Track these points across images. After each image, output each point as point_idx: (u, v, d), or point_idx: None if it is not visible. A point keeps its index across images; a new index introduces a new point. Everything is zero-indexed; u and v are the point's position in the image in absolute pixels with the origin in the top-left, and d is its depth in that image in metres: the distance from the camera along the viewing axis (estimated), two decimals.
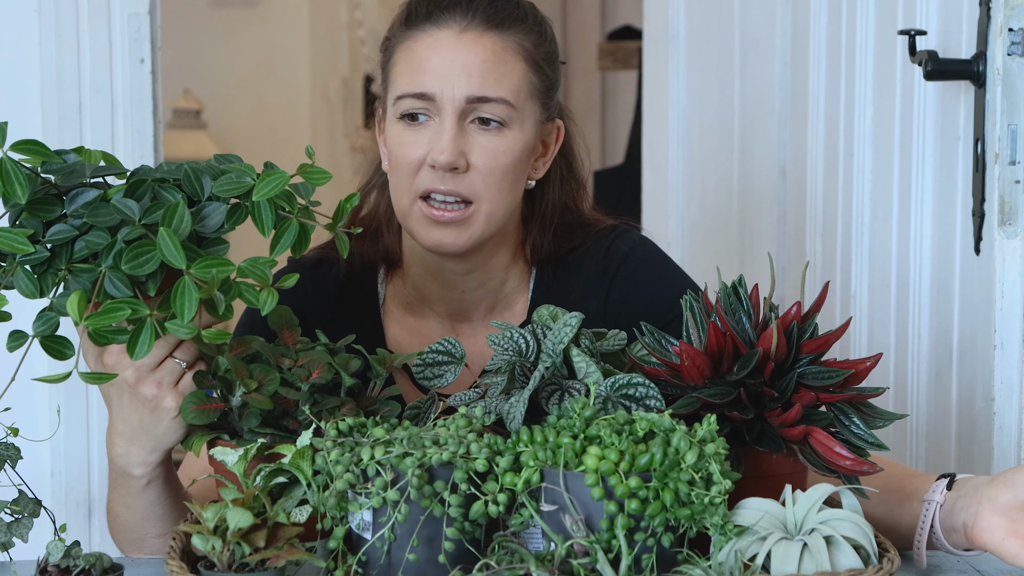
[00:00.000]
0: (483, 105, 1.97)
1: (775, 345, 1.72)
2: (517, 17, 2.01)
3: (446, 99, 1.96)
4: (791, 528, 1.62)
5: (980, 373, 2.28)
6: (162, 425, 1.78)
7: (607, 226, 2.14)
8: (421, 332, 2.11)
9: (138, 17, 2.80)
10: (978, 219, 2.26)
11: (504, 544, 1.62)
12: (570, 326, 1.77)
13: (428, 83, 1.96)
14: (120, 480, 1.86)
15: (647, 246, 2.13)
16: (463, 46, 1.97)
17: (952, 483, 1.77)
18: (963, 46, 2.31)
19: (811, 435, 1.70)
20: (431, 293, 2.10)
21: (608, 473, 1.57)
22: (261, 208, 1.68)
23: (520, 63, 1.99)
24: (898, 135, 2.55)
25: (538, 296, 2.10)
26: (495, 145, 1.98)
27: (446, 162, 1.95)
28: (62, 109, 2.78)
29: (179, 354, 1.77)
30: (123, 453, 1.83)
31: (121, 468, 1.84)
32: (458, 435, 1.64)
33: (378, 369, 1.84)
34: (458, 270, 2.06)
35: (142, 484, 1.85)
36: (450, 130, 1.96)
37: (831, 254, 2.85)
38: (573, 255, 2.11)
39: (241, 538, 1.58)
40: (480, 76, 1.96)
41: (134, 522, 1.89)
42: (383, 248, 2.12)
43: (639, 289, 2.08)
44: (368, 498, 1.61)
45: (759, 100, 3.22)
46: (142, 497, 1.86)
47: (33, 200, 1.68)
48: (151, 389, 1.76)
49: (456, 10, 1.99)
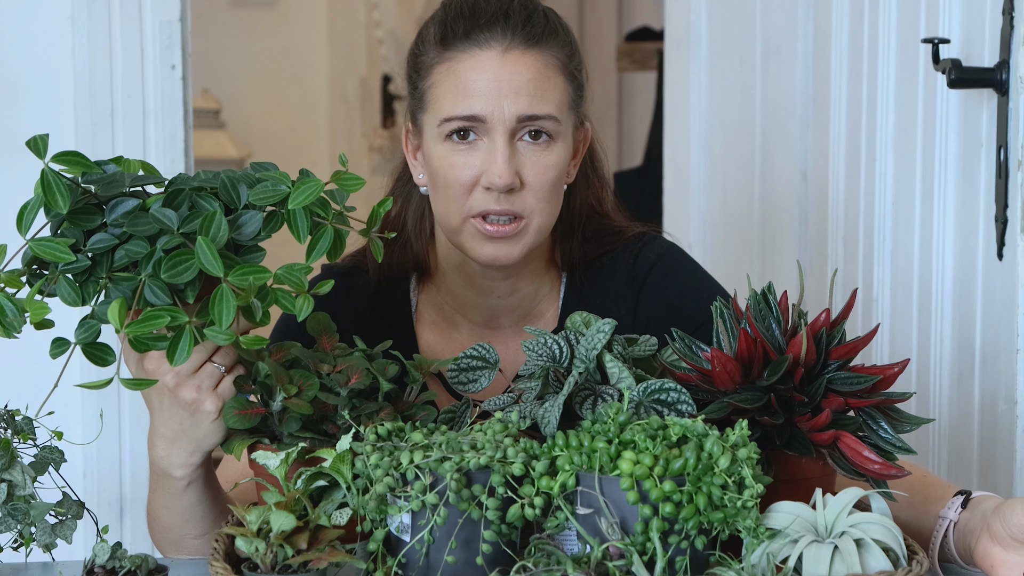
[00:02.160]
0: (532, 123, 1.99)
1: (805, 351, 1.75)
2: (551, 31, 2.03)
3: (496, 120, 1.98)
4: (822, 531, 1.65)
5: (1003, 377, 2.31)
6: (202, 428, 1.82)
7: (636, 233, 2.17)
8: (453, 339, 2.14)
9: (169, 24, 2.84)
10: (1001, 225, 2.29)
11: (541, 546, 1.65)
12: (603, 332, 1.80)
13: (477, 105, 1.98)
14: (161, 482, 1.90)
15: (675, 252, 2.16)
16: (509, 66, 1.99)
17: (967, 501, 1.81)
18: (986, 54, 2.34)
19: (840, 439, 1.73)
20: (466, 300, 2.13)
21: (643, 477, 1.61)
22: (297, 216, 1.71)
23: (560, 77, 2.02)
24: (920, 141, 2.58)
25: (568, 303, 2.13)
26: (545, 160, 2.00)
27: (504, 185, 1.97)
28: (95, 115, 2.82)
29: (218, 359, 1.80)
30: (164, 455, 1.86)
31: (162, 470, 1.88)
32: (495, 439, 1.68)
33: (415, 374, 1.88)
34: (495, 276, 2.09)
35: (183, 485, 1.88)
36: (504, 152, 1.98)
37: (853, 258, 2.88)
38: (602, 262, 2.14)
39: (284, 540, 1.62)
40: (528, 95, 1.98)
41: (174, 523, 1.92)
42: (413, 257, 2.14)
43: (667, 295, 2.11)
44: (407, 501, 1.64)
45: (781, 105, 3.25)
46: (182, 498, 1.90)
47: (74, 210, 1.72)
48: (191, 393, 1.80)
49: (495, 28, 2.00)
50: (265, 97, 6.51)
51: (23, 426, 1.81)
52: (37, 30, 2.83)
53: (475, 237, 2.01)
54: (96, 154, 2.81)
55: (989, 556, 1.74)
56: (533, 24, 2.02)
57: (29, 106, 2.84)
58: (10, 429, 1.81)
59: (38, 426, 1.83)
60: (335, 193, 1.77)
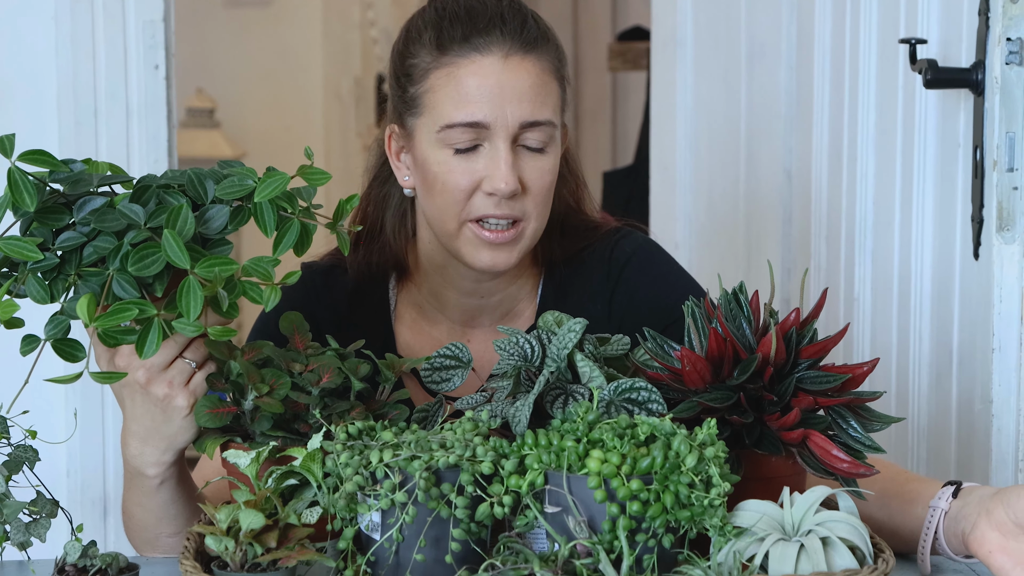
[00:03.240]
0: (532, 129, 2.00)
1: (774, 350, 1.76)
2: (543, 36, 2.04)
3: (499, 126, 1.98)
4: (788, 529, 1.66)
5: (979, 376, 2.32)
6: (174, 424, 1.83)
7: (611, 228, 2.18)
8: (432, 336, 2.15)
9: (152, 24, 2.85)
10: (977, 225, 2.30)
11: (509, 545, 1.66)
12: (574, 332, 1.81)
13: (480, 112, 1.98)
14: (135, 480, 1.91)
15: (651, 247, 2.16)
16: (510, 72, 1.99)
17: (958, 491, 1.81)
18: (963, 55, 2.35)
19: (809, 438, 1.74)
20: (447, 300, 2.14)
21: (610, 476, 1.62)
22: (263, 209, 1.72)
23: (554, 83, 2.03)
24: (900, 141, 2.59)
25: (546, 300, 2.14)
26: (543, 165, 2.01)
27: (509, 192, 1.98)
28: (78, 115, 2.83)
29: (188, 354, 1.81)
30: (137, 454, 1.87)
31: (135, 468, 1.89)
32: (464, 438, 1.69)
33: (387, 374, 1.88)
34: (481, 279, 2.10)
35: (156, 484, 1.89)
36: (507, 158, 1.98)
37: (835, 257, 2.90)
38: (580, 258, 2.15)
39: (253, 539, 1.63)
40: (530, 101, 1.99)
41: (149, 521, 1.93)
42: (392, 257, 2.15)
43: (643, 290, 2.11)
44: (377, 500, 1.65)
45: (765, 105, 3.26)
46: (156, 497, 1.90)
47: (42, 209, 1.73)
48: (162, 388, 1.80)
49: (493, 34, 2.00)
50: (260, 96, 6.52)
51: None
52: (21, 30, 2.84)
53: (472, 243, 2.02)
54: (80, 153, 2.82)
55: (987, 542, 1.74)
56: (527, 29, 2.02)
57: (12, 105, 2.86)
58: None
59: (12, 425, 1.84)
60: (304, 190, 1.78)
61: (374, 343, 1.98)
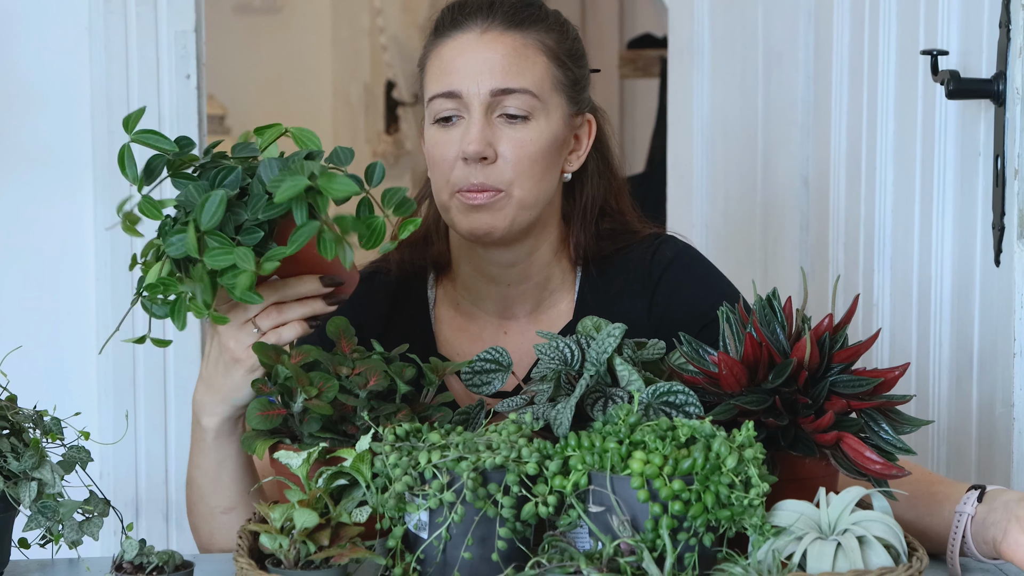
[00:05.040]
0: (507, 97, 2.09)
1: (808, 355, 1.81)
2: (537, 17, 2.14)
3: (472, 95, 2.08)
4: (825, 528, 1.71)
5: (1000, 380, 2.36)
6: (231, 379, 1.92)
7: (652, 232, 2.25)
8: (471, 331, 2.20)
9: (184, 34, 2.90)
10: (998, 232, 2.34)
11: (554, 543, 1.71)
12: (614, 336, 1.86)
13: (455, 82, 2.09)
14: (195, 436, 2.00)
15: (691, 252, 2.23)
16: (485, 44, 2.10)
17: (983, 495, 1.87)
18: (983, 65, 2.40)
19: (843, 440, 1.79)
20: (480, 291, 2.20)
21: (653, 476, 1.67)
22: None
23: (541, 57, 2.12)
24: (919, 150, 2.64)
25: (584, 296, 2.20)
26: (521, 135, 2.09)
27: (475, 152, 2.06)
28: (111, 123, 2.88)
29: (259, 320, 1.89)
30: (200, 399, 1.96)
31: (196, 417, 1.98)
32: (509, 440, 1.74)
33: (431, 377, 1.93)
34: (502, 262, 2.16)
35: (211, 437, 1.97)
36: (478, 123, 2.08)
37: (853, 264, 2.94)
38: (618, 257, 2.21)
39: (306, 537, 1.68)
40: (502, 70, 2.09)
41: (206, 487, 2.01)
42: (433, 254, 2.23)
43: (682, 292, 2.17)
44: (425, 499, 1.70)
45: (782, 112, 3.31)
46: (211, 454, 1.98)
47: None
48: (230, 342, 1.90)
49: (478, 15, 2.12)
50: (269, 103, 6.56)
51: (51, 426, 1.87)
52: (55, 40, 2.89)
53: (460, 210, 2.10)
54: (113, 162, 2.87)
55: (1021, 547, 1.80)
56: (517, 10, 2.13)
57: (47, 115, 2.90)
58: (39, 429, 1.87)
59: (65, 426, 1.89)
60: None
61: (415, 341, 2.05)
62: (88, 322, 2.95)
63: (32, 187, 2.93)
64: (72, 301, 2.95)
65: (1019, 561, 1.80)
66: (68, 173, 2.92)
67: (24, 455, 1.82)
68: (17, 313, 2.94)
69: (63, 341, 2.95)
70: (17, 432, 1.85)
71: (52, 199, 2.93)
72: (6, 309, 2.94)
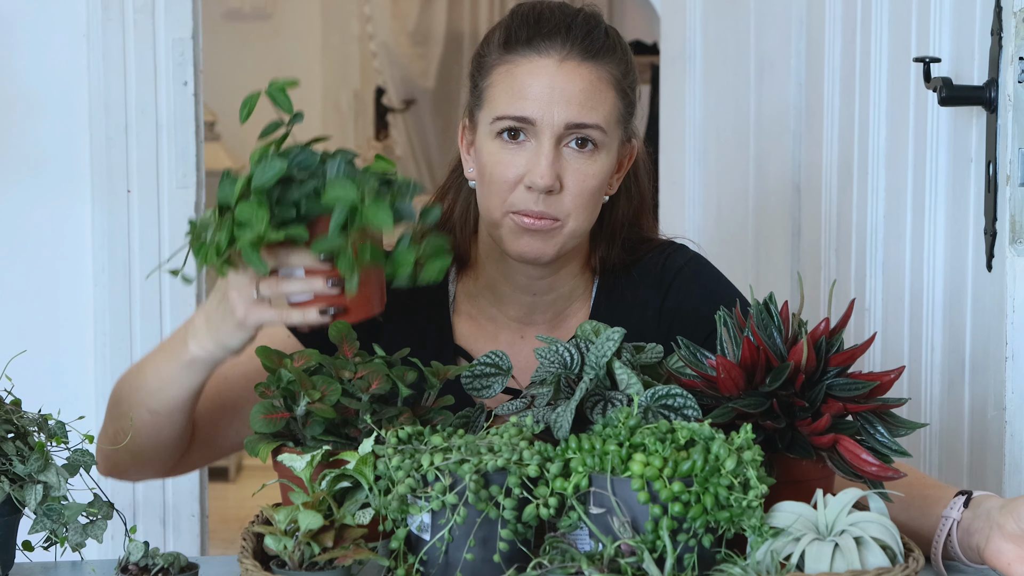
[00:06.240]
0: (579, 131, 2.09)
1: (805, 358, 1.83)
2: (609, 48, 2.12)
3: (546, 124, 2.08)
4: (823, 529, 1.73)
5: (992, 384, 2.39)
6: (226, 324, 1.94)
7: (664, 241, 2.28)
8: (488, 331, 2.23)
9: (182, 42, 2.92)
10: (990, 237, 2.37)
11: (555, 545, 1.73)
12: (613, 340, 1.88)
13: (529, 108, 2.08)
14: (171, 346, 2.02)
15: (700, 260, 2.27)
16: (563, 74, 2.08)
17: (969, 500, 1.90)
18: (975, 73, 2.43)
19: (839, 443, 1.81)
20: (503, 295, 2.22)
21: (653, 478, 1.69)
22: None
23: (611, 91, 2.11)
24: (911, 156, 2.66)
25: (599, 305, 2.22)
26: (587, 168, 2.10)
27: (545, 186, 2.07)
28: (109, 130, 2.90)
29: (261, 286, 1.91)
30: (196, 325, 1.99)
31: (184, 334, 2.00)
32: (511, 443, 1.76)
33: (432, 380, 1.95)
34: (533, 275, 2.19)
35: (186, 359, 2.00)
36: (548, 155, 2.08)
37: (845, 269, 2.97)
38: (632, 266, 2.24)
39: (311, 539, 1.70)
40: (579, 104, 2.08)
41: (147, 385, 2.04)
42: (455, 247, 2.22)
43: (692, 299, 2.21)
44: (428, 501, 1.72)
45: (774, 119, 3.33)
46: (176, 369, 2.01)
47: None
48: (232, 293, 1.92)
49: (556, 38, 2.09)
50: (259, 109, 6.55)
51: (56, 430, 1.88)
52: (53, 47, 2.91)
53: (512, 231, 2.11)
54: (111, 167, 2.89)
55: (1004, 554, 1.82)
56: (593, 39, 2.11)
57: (45, 121, 2.93)
58: (43, 433, 1.88)
59: (70, 430, 1.90)
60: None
61: (432, 334, 2.07)
62: (86, 326, 2.96)
63: (30, 193, 2.95)
64: (70, 306, 2.97)
65: (1001, 567, 1.83)
66: (66, 179, 2.94)
67: (29, 458, 1.84)
68: (16, 317, 2.96)
69: (61, 345, 2.97)
70: (22, 436, 1.87)
71: (50, 205, 2.95)
72: (5, 314, 2.96)
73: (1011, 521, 1.82)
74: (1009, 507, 1.84)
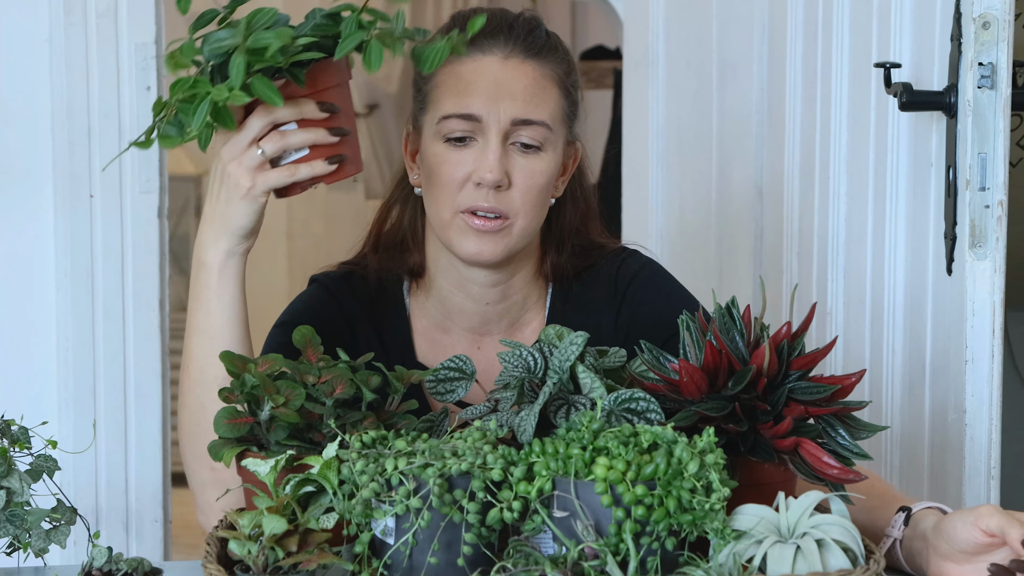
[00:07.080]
0: (525, 128, 2.11)
1: (767, 362, 1.84)
2: (551, 47, 2.16)
3: (492, 120, 2.10)
4: (784, 532, 1.74)
5: (952, 387, 2.41)
6: (234, 205, 1.93)
7: (618, 247, 2.29)
8: (445, 346, 2.23)
9: (145, 46, 2.91)
10: (950, 241, 2.39)
11: (519, 548, 1.73)
12: (576, 344, 1.89)
13: (475, 105, 2.10)
14: (200, 279, 2.00)
15: (654, 266, 2.28)
16: (508, 71, 2.11)
17: (909, 518, 1.91)
18: (935, 78, 2.44)
19: (801, 446, 1.82)
20: (455, 306, 2.22)
21: (616, 482, 1.69)
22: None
23: (555, 89, 2.14)
24: (872, 160, 2.68)
25: (554, 313, 2.23)
26: (534, 166, 2.12)
27: (493, 181, 2.08)
28: (72, 134, 2.89)
29: (263, 144, 1.91)
30: (202, 240, 1.98)
31: (198, 260, 1.99)
32: (475, 447, 1.76)
33: (396, 385, 1.96)
34: (485, 282, 2.19)
35: (215, 277, 1.98)
36: (496, 150, 2.09)
37: (807, 273, 2.98)
38: (586, 274, 2.25)
39: (275, 543, 1.70)
40: (524, 100, 2.11)
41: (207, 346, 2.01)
42: (408, 262, 2.24)
43: (648, 304, 2.22)
44: (392, 505, 1.72)
45: (737, 124, 3.35)
46: (220, 295, 1.99)
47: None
48: (233, 167, 1.91)
49: (499, 37, 2.12)
50: None
51: (19, 436, 1.88)
52: (15, 51, 2.90)
53: (462, 231, 2.12)
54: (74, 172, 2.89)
55: (947, 573, 1.84)
56: (535, 37, 2.14)
57: (7, 125, 2.92)
58: (6, 438, 1.88)
59: (33, 435, 1.90)
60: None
61: (394, 351, 2.08)
62: (49, 331, 2.95)
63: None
64: (33, 310, 2.96)
65: None
66: (28, 183, 2.93)
67: None
68: None
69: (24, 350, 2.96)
70: None
71: (12, 209, 2.94)
72: None
73: (943, 543, 1.83)
74: (940, 528, 1.84)
